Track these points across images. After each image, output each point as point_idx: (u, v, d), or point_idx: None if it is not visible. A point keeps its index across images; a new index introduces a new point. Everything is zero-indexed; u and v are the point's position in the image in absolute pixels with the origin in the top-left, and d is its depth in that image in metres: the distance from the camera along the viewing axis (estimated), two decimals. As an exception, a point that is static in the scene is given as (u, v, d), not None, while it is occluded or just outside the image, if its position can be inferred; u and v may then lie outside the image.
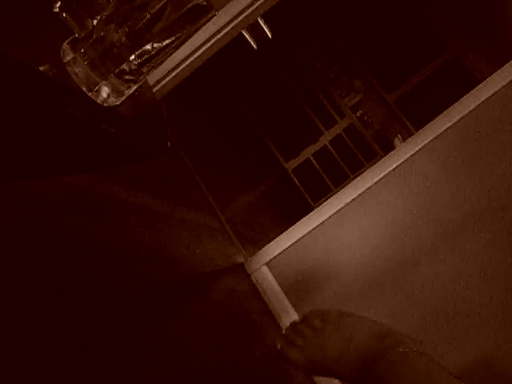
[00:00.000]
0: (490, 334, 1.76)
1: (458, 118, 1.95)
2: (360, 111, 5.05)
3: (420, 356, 0.66)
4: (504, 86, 1.92)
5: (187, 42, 0.64)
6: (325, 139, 5.04)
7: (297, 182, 4.97)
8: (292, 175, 5.00)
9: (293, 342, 0.84)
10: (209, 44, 1.84)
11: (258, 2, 1.81)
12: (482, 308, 1.78)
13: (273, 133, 5.15)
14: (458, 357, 1.76)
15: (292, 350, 0.84)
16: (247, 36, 3.36)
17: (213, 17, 0.58)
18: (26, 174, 0.78)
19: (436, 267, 1.86)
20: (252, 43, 3.47)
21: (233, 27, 1.82)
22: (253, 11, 1.82)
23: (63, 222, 1.08)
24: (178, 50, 0.71)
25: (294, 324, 0.89)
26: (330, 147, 5.00)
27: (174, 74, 1.88)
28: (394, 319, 1.80)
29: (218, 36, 1.83)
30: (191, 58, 1.87)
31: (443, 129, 1.95)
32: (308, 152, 5.04)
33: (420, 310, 1.83)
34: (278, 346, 0.87)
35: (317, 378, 1.87)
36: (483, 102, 1.93)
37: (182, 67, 1.88)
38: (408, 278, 1.88)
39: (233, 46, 2.25)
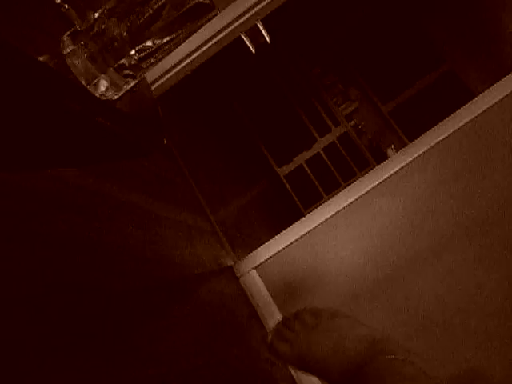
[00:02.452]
0: (478, 346, 1.76)
1: (451, 130, 1.96)
2: (354, 120, 5.07)
3: (407, 364, 0.66)
4: (498, 101, 1.94)
5: (187, 42, 0.64)
6: (318, 146, 5.05)
7: (289, 187, 4.98)
8: (284, 181, 5.01)
9: (283, 336, 0.84)
10: (208, 45, 1.84)
11: (259, 6, 1.82)
12: (471, 319, 1.79)
13: (267, 137, 5.16)
14: (445, 366, 1.76)
15: (281, 344, 0.84)
16: (246, 40, 3.37)
17: (215, 16, 0.58)
18: (18, 166, 0.77)
19: (425, 277, 1.86)
20: (250, 47, 3.47)
21: (233, 29, 1.82)
22: (253, 14, 1.83)
23: (53, 216, 1.08)
24: (178, 50, 0.70)
25: (285, 318, 0.89)
26: (323, 154, 5.01)
27: (172, 73, 1.88)
28: (381, 327, 1.81)
29: (218, 38, 1.83)
30: (190, 58, 1.87)
31: (436, 141, 1.96)
32: (301, 158, 5.05)
33: (408, 318, 1.84)
34: (269, 339, 0.87)
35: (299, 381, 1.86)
36: (477, 115, 1.95)
37: (180, 67, 1.88)
38: (397, 287, 1.88)
39: (231, 49, 2.26)
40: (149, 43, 0.55)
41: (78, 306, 0.98)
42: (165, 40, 0.57)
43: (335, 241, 2.01)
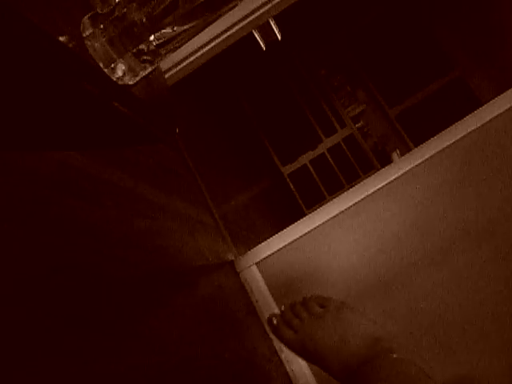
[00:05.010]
0: (477, 349, 1.77)
1: (457, 137, 1.96)
2: (361, 122, 5.07)
3: (408, 363, 0.66)
4: (506, 110, 1.93)
5: (201, 33, 0.64)
6: (323, 147, 5.05)
7: (292, 186, 4.98)
8: (288, 179, 5.01)
9: (288, 322, 0.85)
10: (220, 39, 1.84)
11: (273, 3, 1.82)
12: (470, 323, 1.79)
13: (272, 135, 5.16)
14: (446, 369, 1.77)
15: (286, 329, 0.84)
16: (257, 36, 3.37)
17: (235, 6, 0.59)
18: (29, 145, 0.77)
19: (426, 281, 1.86)
20: (261, 44, 3.47)
21: (246, 24, 1.82)
22: (267, 11, 1.82)
23: (57, 201, 1.08)
24: (191, 41, 0.70)
25: (293, 304, 0.89)
26: (327, 155, 5.01)
27: (183, 65, 1.88)
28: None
29: (230, 32, 1.83)
30: (201, 51, 1.87)
31: (442, 147, 1.96)
32: (306, 158, 5.05)
33: (407, 319, 1.84)
34: (275, 322, 0.87)
35: (295, 380, 1.87)
36: (484, 123, 1.95)
37: (191, 59, 1.88)
38: (397, 289, 1.89)
39: (241, 45, 2.26)
40: (168, 30, 0.55)
41: (78, 292, 0.98)
42: (183, 28, 0.57)
43: (336, 241, 2.01)
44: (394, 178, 1.99)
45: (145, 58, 0.55)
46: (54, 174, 1.11)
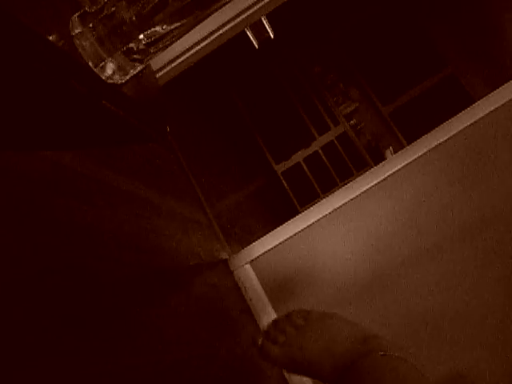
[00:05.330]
0: (473, 345, 1.77)
1: (450, 134, 1.96)
2: (354, 120, 5.07)
3: (400, 361, 0.66)
4: (499, 107, 1.94)
5: (191, 33, 0.63)
6: (317, 145, 5.06)
7: (285, 184, 4.98)
8: (281, 178, 5.01)
9: (273, 339, 0.84)
10: (212, 37, 1.84)
11: (265, 1, 1.82)
12: (461, 321, 1.80)
13: (266, 134, 5.16)
14: (439, 365, 1.77)
15: (272, 346, 0.83)
16: (250, 34, 3.36)
17: (224, 4, 0.58)
18: (18, 145, 0.77)
19: (418, 278, 1.87)
20: (254, 42, 3.47)
21: (238, 23, 1.82)
22: (259, 9, 1.82)
23: (50, 201, 1.07)
24: (182, 40, 0.70)
25: (275, 321, 0.88)
26: (321, 153, 5.02)
27: (175, 63, 1.88)
28: (372, 324, 1.82)
29: (223, 30, 1.83)
30: (193, 50, 1.87)
31: (435, 144, 1.97)
32: (299, 156, 5.05)
33: (401, 317, 1.85)
34: (259, 342, 0.86)
35: (290, 378, 1.87)
36: (477, 120, 1.95)
37: (183, 58, 1.88)
38: (391, 287, 1.89)
39: (234, 43, 2.25)
40: (157, 28, 0.55)
41: (72, 292, 0.98)
42: (173, 26, 0.56)
43: (329, 239, 2.01)
44: (387, 175, 1.99)
45: (134, 56, 0.55)
46: (49, 174, 1.11)
